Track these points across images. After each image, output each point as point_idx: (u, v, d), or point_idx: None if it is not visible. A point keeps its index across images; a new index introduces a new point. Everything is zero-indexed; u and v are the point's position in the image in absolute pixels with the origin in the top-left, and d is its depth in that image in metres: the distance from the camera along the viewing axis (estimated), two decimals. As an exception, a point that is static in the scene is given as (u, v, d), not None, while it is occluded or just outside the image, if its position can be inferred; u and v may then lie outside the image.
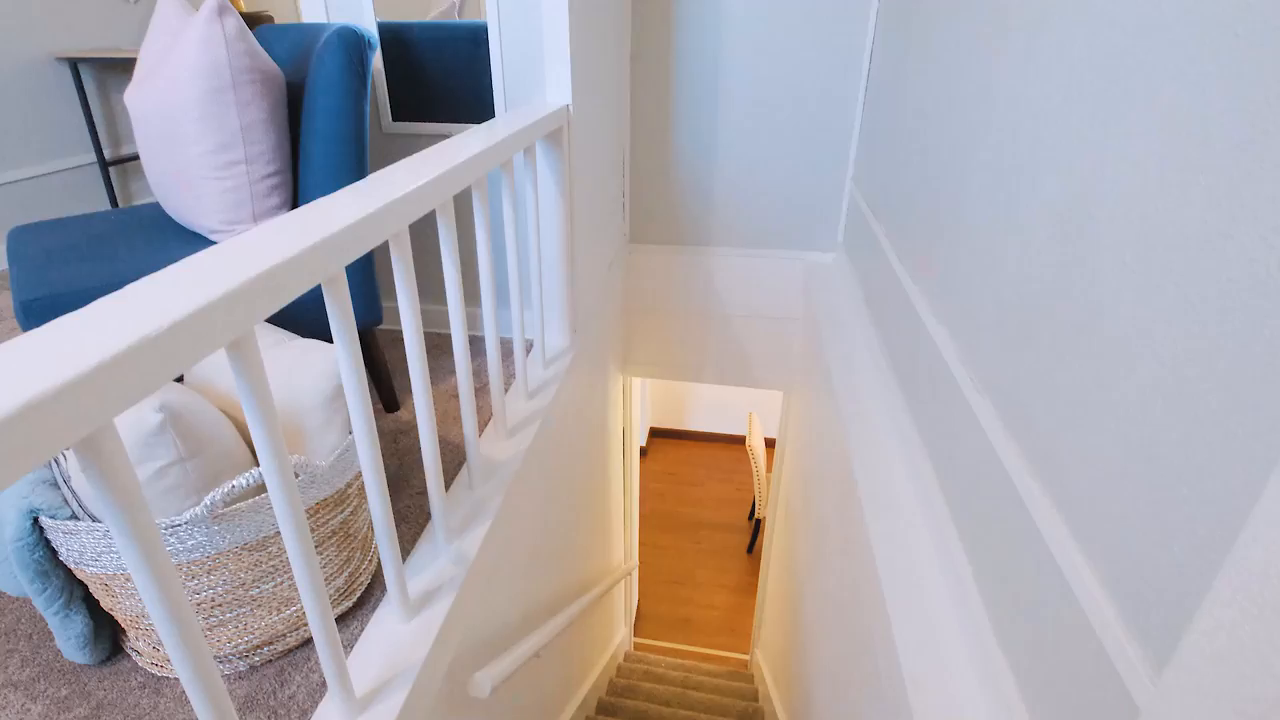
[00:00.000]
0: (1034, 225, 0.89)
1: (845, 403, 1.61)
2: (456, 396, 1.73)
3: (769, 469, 4.45)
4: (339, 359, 0.80)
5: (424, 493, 1.38)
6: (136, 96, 1.31)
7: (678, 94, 2.33)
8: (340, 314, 0.78)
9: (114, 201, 3.01)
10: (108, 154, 2.99)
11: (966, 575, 1.00)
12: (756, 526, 4.81)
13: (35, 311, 1.09)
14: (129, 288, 0.56)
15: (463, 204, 1.94)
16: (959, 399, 1.10)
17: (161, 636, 0.57)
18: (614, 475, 2.92)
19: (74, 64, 2.80)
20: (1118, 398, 0.66)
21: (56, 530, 0.81)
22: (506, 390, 1.66)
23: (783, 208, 2.39)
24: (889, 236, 1.69)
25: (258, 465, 0.96)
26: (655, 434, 5.95)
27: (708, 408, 5.86)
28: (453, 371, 1.86)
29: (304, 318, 1.38)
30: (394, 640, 0.97)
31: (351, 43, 1.28)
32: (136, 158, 3.11)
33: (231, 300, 0.57)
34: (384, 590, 1.11)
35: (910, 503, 1.26)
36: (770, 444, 5.40)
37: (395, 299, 2.05)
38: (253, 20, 2.97)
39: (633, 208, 2.55)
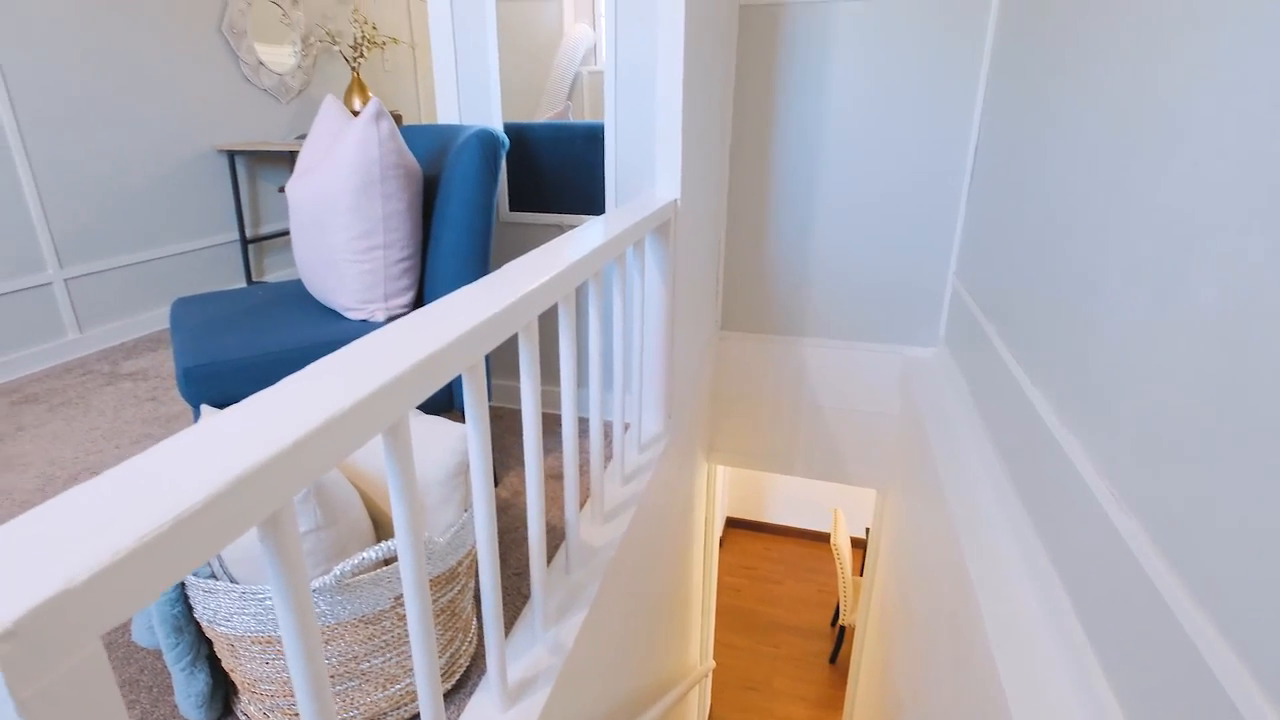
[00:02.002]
0: (1189, 333, 0.84)
1: (956, 508, 1.52)
2: (555, 477, 1.74)
3: (856, 571, 4.21)
4: (470, 441, 0.82)
5: (520, 573, 1.37)
6: (298, 187, 1.46)
7: (775, 184, 2.40)
8: (476, 399, 0.81)
9: (249, 274, 3.32)
10: (248, 233, 3.32)
11: (1116, 716, 0.89)
12: (841, 634, 4.50)
13: (195, 378, 1.19)
14: (305, 375, 0.59)
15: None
16: (1097, 514, 1.01)
17: (299, 700, 0.58)
18: (694, 567, 2.83)
19: (231, 155, 3.17)
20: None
21: (196, 588, 0.85)
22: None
23: (880, 300, 2.37)
24: (1002, 335, 1.63)
25: (378, 539, 0.99)
26: (731, 524, 5.78)
27: (787, 500, 5.67)
28: (550, 450, 1.88)
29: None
30: (492, 730, 0.94)
31: (488, 143, 1.39)
32: (271, 237, 3.44)
33: (395, 388, 0.61)
34: (481, 673, 1.09)
35: (1041, 625, 1.15)
36: (857, 544, 5.14)
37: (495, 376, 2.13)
38: (385, 120, 3.31)
39: (725, 294, 2.58)
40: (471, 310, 0.79)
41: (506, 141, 1.47)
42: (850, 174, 2.29)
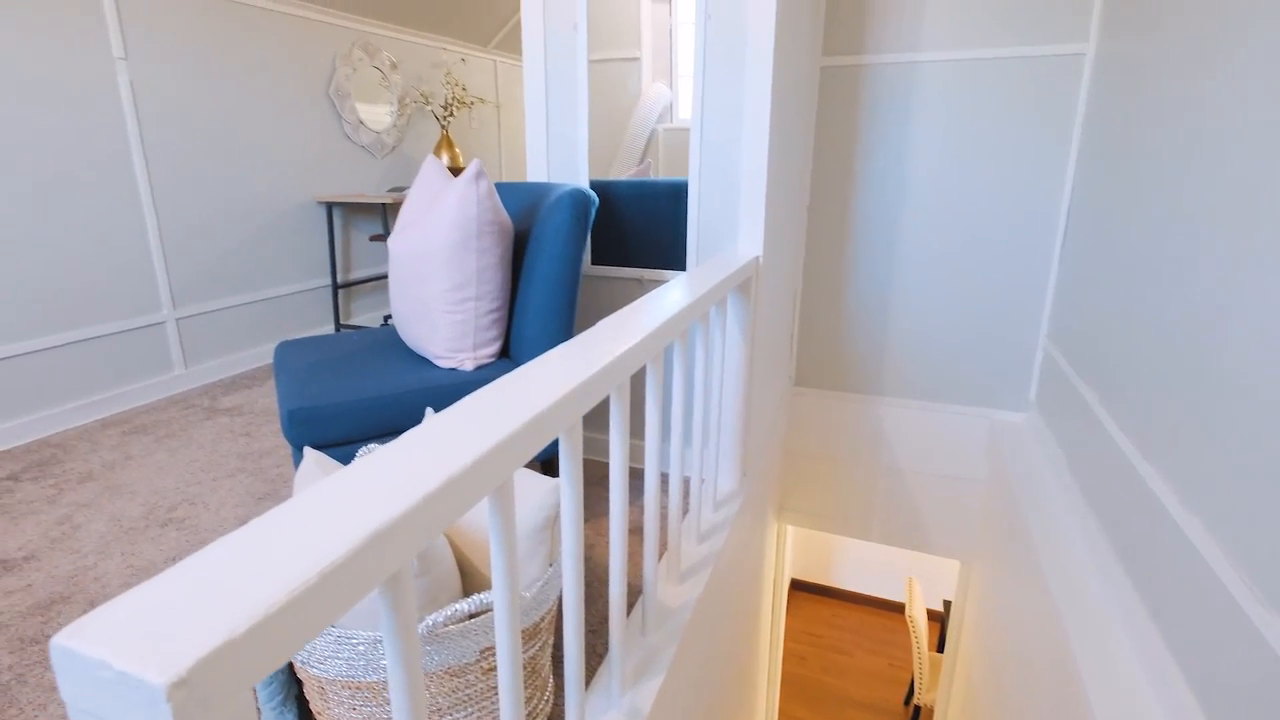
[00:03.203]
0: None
1: (1057, 589, 1.42)
2: (629, 531, 1.72)
3: (933, 647, 3.96)
4: (563, 500, 0.82)
5: (594, 630, 1.35)
6: (399, 240, 1.54)
7: (853, 240, 2.37)
8: (572, 459, 0.81)
9: (338, 317, 3.49)
10: (339, 278, 3.51)
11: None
12: (916, 715, 4.21)
13: (298, 420, 1.25)
14: (420, 436, 0.60)
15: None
16: (1230, 611, 0.92)
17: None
18: (762, 631, 2.73)
19: (329, 206, 3.38)
20: None
21: (293, 630, 0.87)
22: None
23: (964, 361, 2.28)
24: (1106, 405, 1.54)
25: (463, 589, 0.99)
26: (795, 586, 5.56)
27: (856, 563, 5.43)
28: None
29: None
30: (570, 798, 0.91)
31: (579, 202, 1.44)
32: (359, 282, 3.63)
33: (505, 450, 0.61)
34: (556, 736, 1.07)
35: (1164, 729, 1.04)
36: (933, 616, 4.84)
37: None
38: (471, 174, 3.47)
39: (799, 350, 2.55)
40: (571, 372, 0.80)
41: (596, 201, 1.52)
42: (932, 231, 2.25)
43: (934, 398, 2.33)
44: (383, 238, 3.31)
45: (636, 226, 1.96)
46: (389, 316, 3.87)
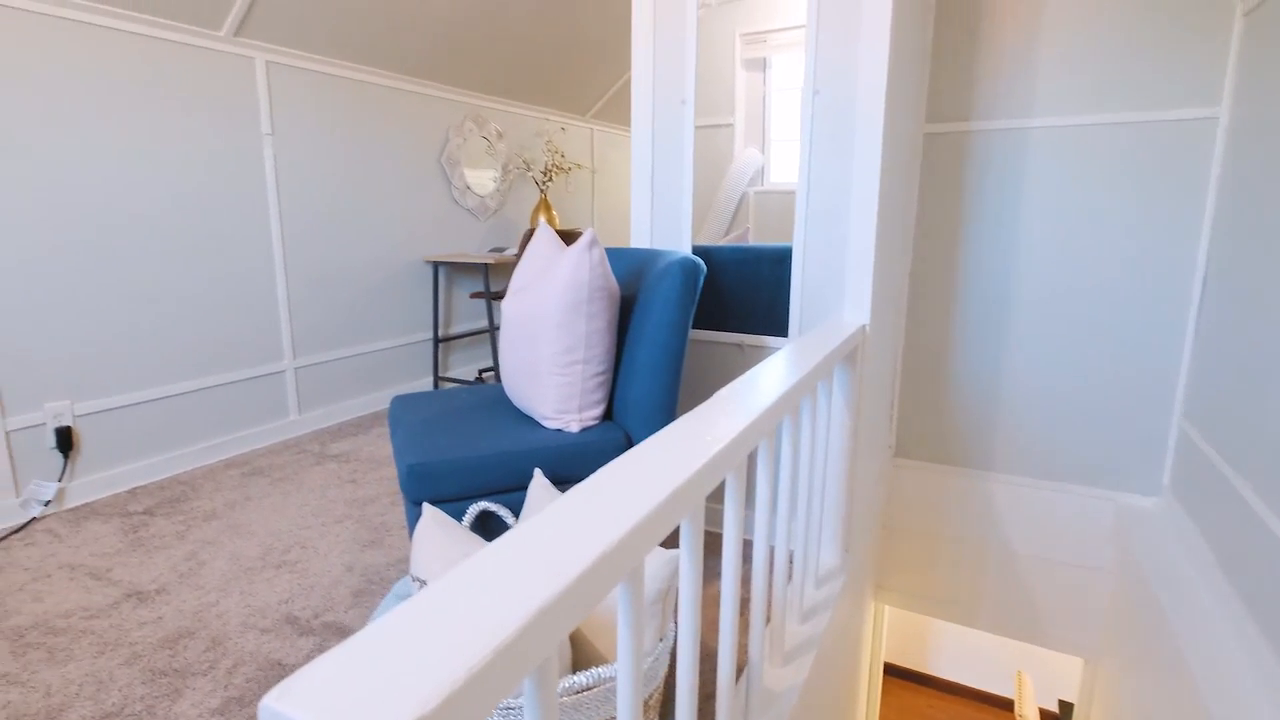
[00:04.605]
0: None
1: (1209, 693, 1.26)
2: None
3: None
4: (682, 584, 0.81)
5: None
6: (511, 303, 1.61)
7: (959, 305, 2.29)
8: (693, 539, 0.80)
9: (436, 369, 3.65)
10: (440, 333, 3.69)
11: None
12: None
13: (416, 475, 1.30)
14: (557, 519, 0.60)
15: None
16: None
17: None
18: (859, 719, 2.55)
19: (436, 265, 3.58)
20: None
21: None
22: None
23: (1085, 439, 2.13)
24: (1260, 492, 1.39)
25: (574, 662, 0.98)
26: (889, 671, 5.20)
27: (958, 652, 5.02)
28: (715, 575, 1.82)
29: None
30: None
31: (689, 271, 1.46)
32: (457, 337, 3.79)
33: (630, 541, 0.60)
34: (658, 824, 1.02)
35: None
36: (1047, 717, 4.39)
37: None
38: (567, 236, 3.61)
39: (900, 419, 2.45)
40: (694, 453, 0.78)
41: (705, 270, 1.54)
42: (1048, 300, 2.15)
43: (1051, 476, 2.17)
44: (483, 295, 3.46)
45: (738, 291, 1.97)
46: (483, 370, 4.01)
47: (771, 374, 1.16)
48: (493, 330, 3.55)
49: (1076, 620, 2.18)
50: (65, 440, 2.15)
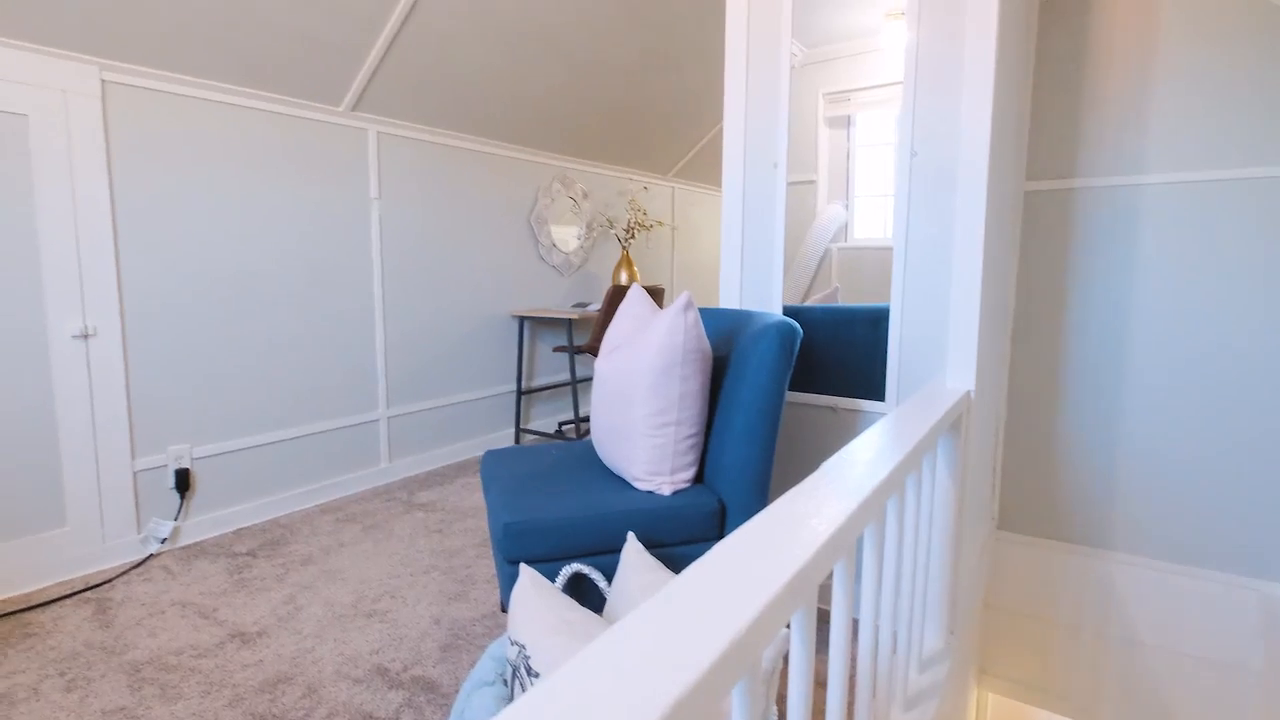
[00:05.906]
0: None
1: None
2: (822, 684, 1.58)
3: None
4: (792, 672, 0.76)
5: (790, 802, 1.21)
6: (605, 364, 1.63)
7: (1067, 368, 2.16)
8: (806, 632, 0.76)
9: (518, 420, 3.72)
10: (523, 385, 3.77)
11: None
12: None
13: (513, 533, 1.31)
14: (679, 614, 0.58)
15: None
16: None
17: None
18: (956, 816, 2.33)
19: (521, 320, 3.69)
20: None
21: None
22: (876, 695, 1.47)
23: (1224, 518, 1.93)
24: None
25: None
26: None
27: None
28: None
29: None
30: None
31: (786, 334, 1.44)
32: (538, 390, 3.87)
33: (743, 643, 0.57)
34: None
35: None
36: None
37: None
38: (649, 292, 3.67)
39: (1003, 489, 2.30)
40: (803, 544, 0.74)
41: (801, 333, 1.51)
42: (1172, 365, 2.00)
43: (1184, 559, 1.97)
44: (565, 349, 3.53)
45: (831, 352, 1.93)
46: (563, 423, 4.06)
47: (875, 446, 1.11)
48: (574, 383, 3.60)
49: (1218, 726, 1.94)
50: (183, 481, 2.29)
